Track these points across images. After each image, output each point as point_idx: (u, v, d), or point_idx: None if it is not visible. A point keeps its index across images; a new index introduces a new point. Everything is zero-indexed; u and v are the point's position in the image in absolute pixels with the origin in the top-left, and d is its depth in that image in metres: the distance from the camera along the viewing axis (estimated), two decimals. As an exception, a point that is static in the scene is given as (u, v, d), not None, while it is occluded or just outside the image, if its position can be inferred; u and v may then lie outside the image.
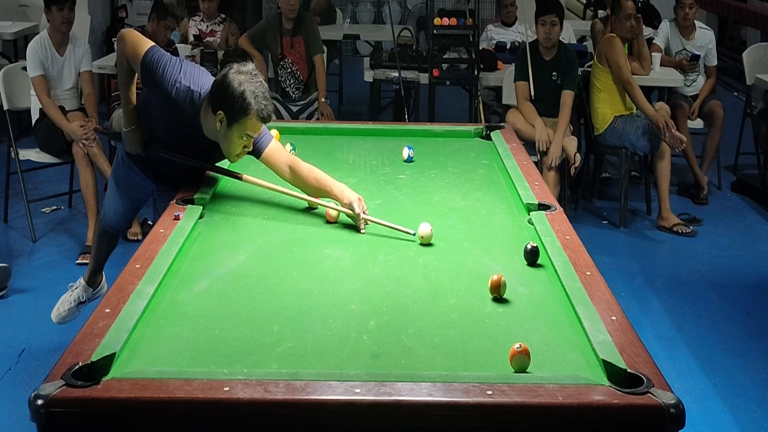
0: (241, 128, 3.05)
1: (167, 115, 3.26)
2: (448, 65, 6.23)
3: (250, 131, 3.07)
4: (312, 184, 3.23)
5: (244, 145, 3.12)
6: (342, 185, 3.17)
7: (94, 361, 2.01)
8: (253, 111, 3.00)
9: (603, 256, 5.15)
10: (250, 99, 2.99)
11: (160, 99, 3.23)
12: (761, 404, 3.83)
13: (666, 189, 5.84)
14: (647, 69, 6.27)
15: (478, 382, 1.96)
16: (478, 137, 4.24)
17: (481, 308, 2.43)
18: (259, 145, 3.25)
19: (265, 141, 3.27)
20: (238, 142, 3.09)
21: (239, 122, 3.03)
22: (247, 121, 3.03)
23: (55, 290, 4.67)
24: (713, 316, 4.68)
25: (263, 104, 3.02)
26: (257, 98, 3.00)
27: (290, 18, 6.23)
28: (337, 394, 1.93)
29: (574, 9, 9.06)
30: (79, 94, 5.60)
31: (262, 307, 2.42)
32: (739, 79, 7.81)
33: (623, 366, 2.03)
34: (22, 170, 5.53)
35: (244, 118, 3.02)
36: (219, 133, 3.10)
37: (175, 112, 3.20)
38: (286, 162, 3.28)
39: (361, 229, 3.03)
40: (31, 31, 7.40)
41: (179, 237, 2.80)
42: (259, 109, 3.01)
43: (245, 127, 3.04)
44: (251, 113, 3.00)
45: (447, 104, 7.65)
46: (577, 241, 2.84)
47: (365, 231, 3.03)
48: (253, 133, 3.09)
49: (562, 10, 5.85)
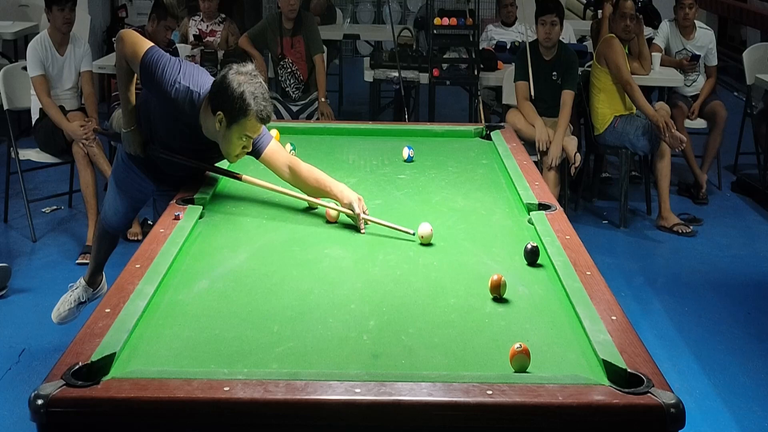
0: (240, 129, 3.05)
1: (166, 115, 3.26)
2: (448, 65, 6.23)
3: (250, 132, 3.07)
4: (312, 185, 3.23)
5: (244, 146, 3.12)
6: (342, 185, 3.17)
7: (94, 361, 2.01)
8: (252, 112, 3.00)
9: (603, 256, 5.16)
10: (250, 100, 2.99)
11: (159, 99, 3.23)
12: (761, 404, 3.83)
13: (666, 189, 5.84)
14: (647, 69, 6.27)
15: (478, 382, 1.96)
16: (478, 137, 4.24)
17: (481, 308, 2.43)
18: (259, 146, 3.25)
19: (265, 141, 3.27)
20: (238, 142, 3.09)
21: (238, 123, 3.03)
22: (246, 122, 3.03)
23: (55, 290, 4.67)
24: (713, 316, 4.68)
25: (263, 105, 3.02)
26: (257, 99, 3.00)
27: (290, 18, 6.23)
28: (337, 394, 1.93)
29: (574, 9, 9.06)
30: (79, 94, 5.60)
31: (262, 307, 2.42)
32: (739, 79, 7.81)
33: (623, 366, 2.03)
34: (22, 170, 5.53)
35: (243, 118, 3.01)
36: (218, 133, 3.10)
37: (175, 113, 3.20)
38: (285, 162, 3.28)
39: (361, 229, 3.03)
40: (31, 31, 7.40)
41: (179, 237, 2.80)
42: (258, 110, 3.00)
43: (244, 127, 3.04)
44: (251, 114, 3.00)
45: (447, 104, 7.65)
46: (577, 241, 2.84)
47: (365, 231, 3.03)
48: (253, 133, 3.09)
49: (562, 10, 5.86)
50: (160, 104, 3.25)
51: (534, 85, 5.76)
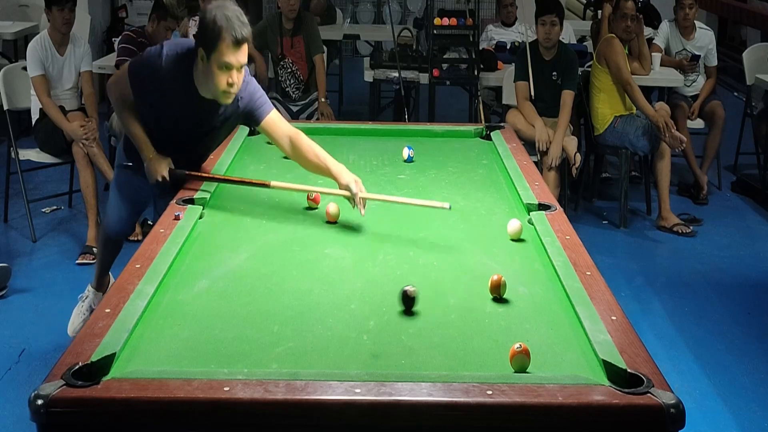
0: (218, 57, 3.01)
1: (168, 104, 3.27)
2: (448, 65, 6.23)
3: (227, 57, 3.02)
4: (311, 159, 3.20)
5: (229, 81, 3.07)
6: (341, 165, 3.15)
7: (94, 361, 2.01)
8: (225, 33, 2.97)
9: (603, 256, 5.15)
10: (221, 22, 2.97)
11: (155, 88, 3.24)
12: (761, 404, 3.82)
13: (666, 189, 5.84)
14: (647, 69, 6.27)
15: (478, 382, 1.96)
16: (478, 137, 4.24)
17: (481, 308, 2.43)
18: (259, 113, 3.26)
19: (266, 109, 3.28)
20: (220, 74, 3.05)
21: (215, 50, 3.00)
22: (221, 46, 2.99)
23: (55, 290, 4.68)
24: (713, 316, 4.67)
25: (235, 25, 2.97)
26: (229, 20, 2.97)
27: (290, 18, 6.23)
28: (337, 394, 1.92)
29: (574, 9, 9.06)
30: (79, 94, 5.60)
31: (262, 307, 2.42)
32: (739, 79, 7.81)
33: (623, 366, 2.03)
34: (22, 170, 5.53)
35: (218, 43, 2.98)
36: (202, 73, 3.10)
37: (173, 94, 3.22)
38: (286, 133, 3.26)
39: (361, 211, 3.03)
40: (31, 31, 7.40)
41: (179, 237, 2.80)
42: (230, 30, 2.97)
43: (221, 53, 3.00)
44: (224, 35, 2.97)
45: (447, 104, 7.65)
46: (577, 241, 2.84)
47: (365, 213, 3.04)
48: (232, 60, 3.03)
49: (562, 10, 5.85)
50: (158, 98, 3.26)
51: (534, 86, 5.75)
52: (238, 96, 3.22)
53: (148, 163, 3.40)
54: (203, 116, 3.29)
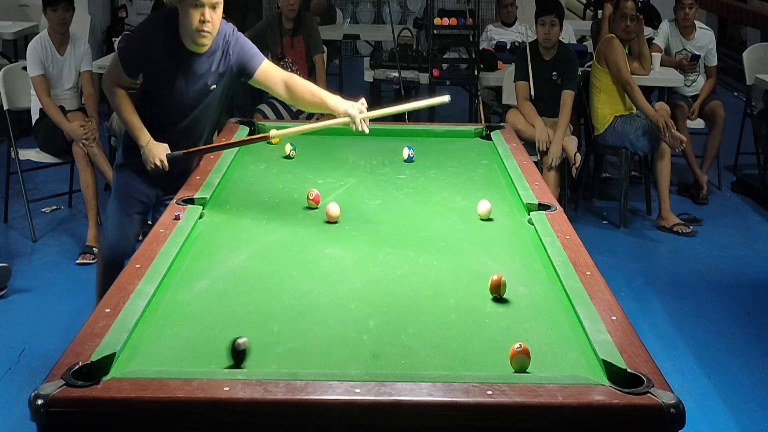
0: None
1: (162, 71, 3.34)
2: (448, 65, 6.23)
3: None
4: (308, 98, 3.31)
5: (201, 18, 3.17)
6: (337, 96, 3.27)
7: (94, 361, 2.01)
8: None
9: (603, 256, 5.15)
10: None
11: (146, 56, 3.32)
12: (761, 404, 3.82)
13: (666, 189, 5.84)
14: (647, 69, 6.27)
15: (478, 382, 1.96)
16: (478, 137, 4.24)
17: (481, 308, 2.43)
18: (251, 64, 3.35)
19: (257, 60, 3.37)
20: (193, 13, 3.16)
21: None
22: None
23: (55, 290, 4.68)
24: (713, 316, 4.68)
25: None
26: None
27: (290, 18, 6.23)
28: (337, 394, 1.92)
29: (574, 9, 9.06)
30: (79, 93, 5.60)
31: (262, 307, 2.42)
32: (739, 79, 7.81)
33: (623, 366, 2.03)
34: (22, 170, 5.52)
35: None
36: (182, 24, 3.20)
37: (163, 56, 3.29)
38: (281, 78, 3.36)
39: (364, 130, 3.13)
40: (31, 31, 7.40)
41: (179, 237, 2.80)
42: None
43: None
44: None
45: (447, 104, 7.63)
46: (577, 241, 2.83)
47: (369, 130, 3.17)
48: None
49: (562, 10, 5.86)
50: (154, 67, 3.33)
51: (534, 86, 5.76)
52: (229, 51, 3.34)
53: (144, 149, 3.43)
54: (198, 77, 3.35)
